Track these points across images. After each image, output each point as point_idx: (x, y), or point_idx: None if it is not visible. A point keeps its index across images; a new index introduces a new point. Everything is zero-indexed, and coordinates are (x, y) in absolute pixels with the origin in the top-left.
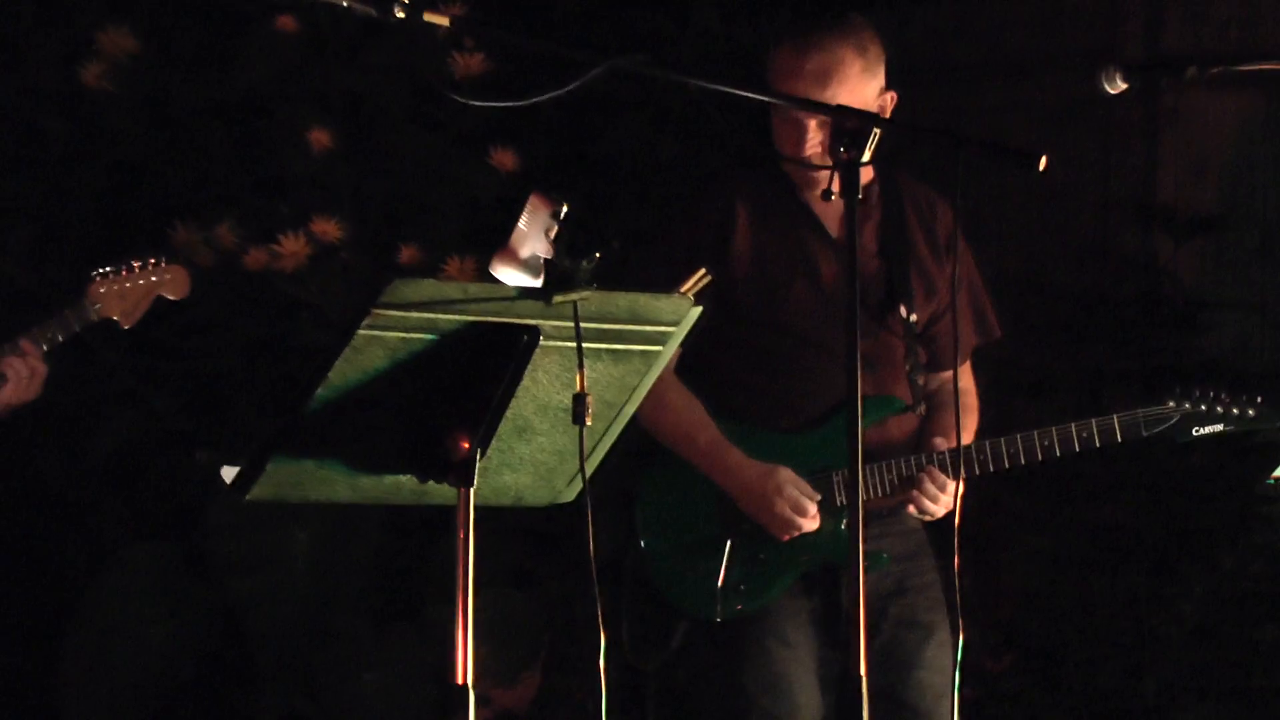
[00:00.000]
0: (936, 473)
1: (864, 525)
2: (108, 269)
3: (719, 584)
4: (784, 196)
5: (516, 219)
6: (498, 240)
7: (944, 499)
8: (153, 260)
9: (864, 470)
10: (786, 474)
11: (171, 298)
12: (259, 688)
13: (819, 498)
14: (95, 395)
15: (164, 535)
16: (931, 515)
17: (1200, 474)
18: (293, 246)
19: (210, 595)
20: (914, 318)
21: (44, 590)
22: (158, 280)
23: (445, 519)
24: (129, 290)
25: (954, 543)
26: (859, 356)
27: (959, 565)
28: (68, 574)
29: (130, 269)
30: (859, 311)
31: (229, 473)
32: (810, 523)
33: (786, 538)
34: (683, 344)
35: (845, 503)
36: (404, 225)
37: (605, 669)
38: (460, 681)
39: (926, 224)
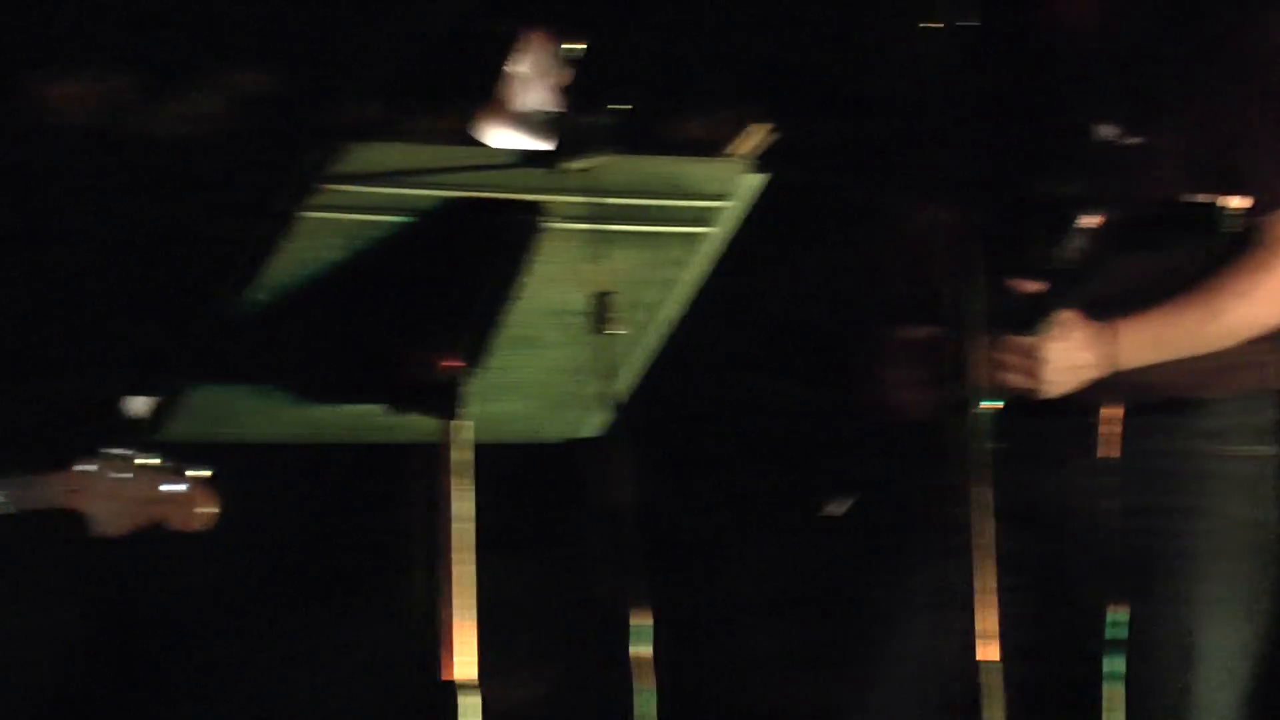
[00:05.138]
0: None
1: None
2: (105, 454)
3: None
4: None
5: (506, 59)
6: (486, 89)
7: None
8: (168, 466)
9: None
10: None
11: (177, 526)
12: (161, 692)
13: None
14: None
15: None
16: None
17: None
18: (208, 103)
19: (91, 570)
20: None
21: None
22: (165, 497)
23: (423, 462)
24: (119, 490)
25: None
26: None
27: None
28: None
29: (134, 467)
30: None
31: (135, 405)
32: None
33: None
34: None
35: None
36: (355, 67)
37: (647, 659)
38: (446, 676)
39: None
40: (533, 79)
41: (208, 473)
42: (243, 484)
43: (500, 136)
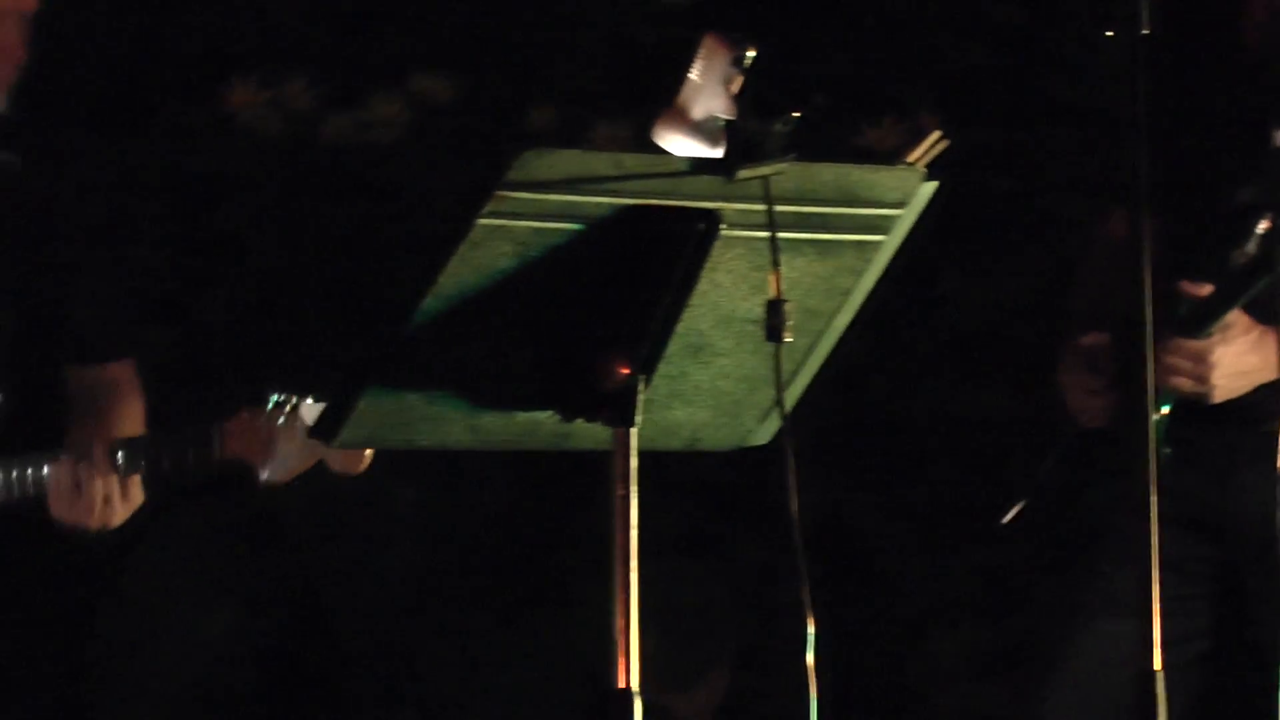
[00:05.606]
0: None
1: None
2: (273, 399)
3: None
4: None
5: (686, 68)
6: (661, 98)
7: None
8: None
9: None
10: None
11: (341, 472)
12: (345, 694)
13: None
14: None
15: (220, 494)
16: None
17: None
18: (386, 110)
19: (282, 572)
20: None
21: (67, 567)
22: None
23: (597, 470)
24: (282, 440)
25: None
26: None
27: None
28: (96, 546)
29: (290, 415)
30: None
31: (310, 411)
32: None
33: None
34: None
35: None
36: (535, 78)
37: (815, 666)
38: (622, 685)
39: None
40: (709, 86)
41: None
42: (423, 493)
43: (676, 143)
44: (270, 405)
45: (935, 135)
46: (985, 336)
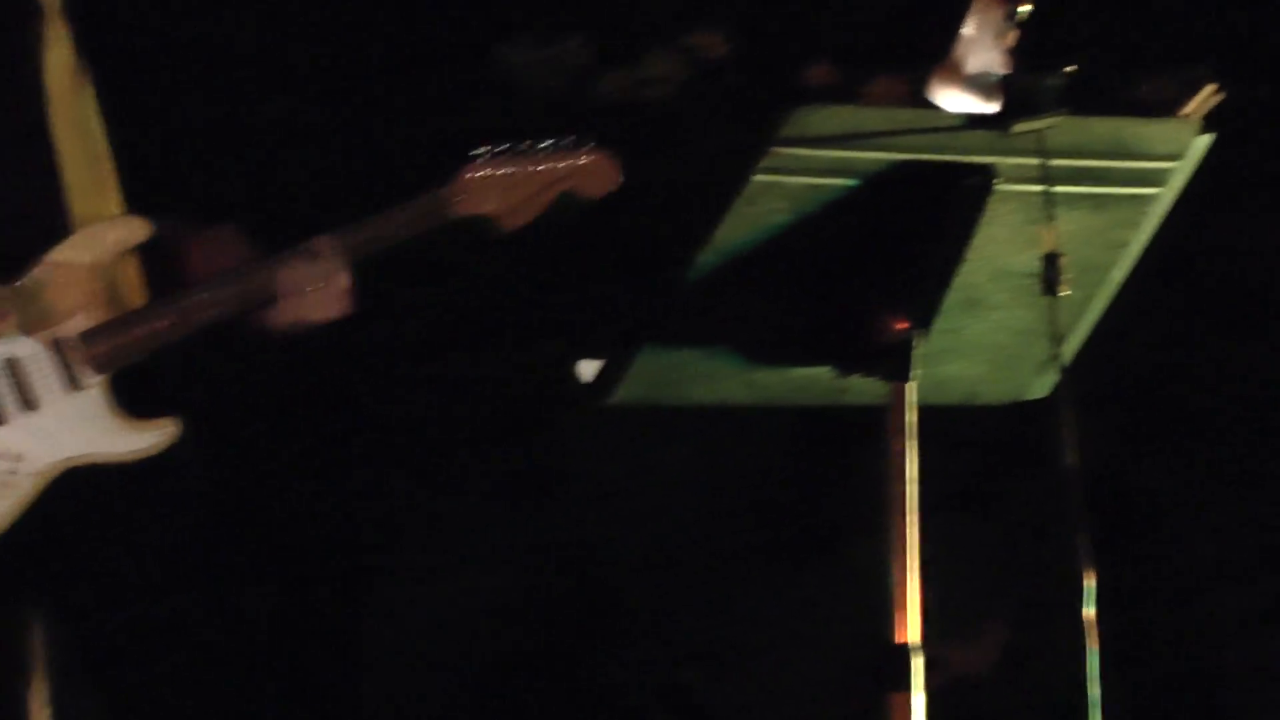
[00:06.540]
0: None
1: None
2: (488, 150)
3: None
4: None
5: (958, 22)
6: (936, 53)
7: None
8: (562, 142)
9: None
10: None
11: (587, 196)
12: (626, 652)
13: None
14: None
15: (495, 453)
16: None
17: None
18: (662, 67)
19: (559, 531)
20: None
21: (337, 530)
22: (566, 170)
23: (872, 425)
24: (519, 180)
25: None
26: None
27: None
28: (368, 506)
29: (527, 153)
30: None
31: (587, 369)
32: None
33: None
34: None
35: None
36: (808, 35)
37: (1094, 620)
38: (902, 639)
39: None
40: (983, 41)
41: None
42: (704, 449)
43: (950, 99)
44: (484, 154)
45: (1210, 88)
46: (1268, 289)
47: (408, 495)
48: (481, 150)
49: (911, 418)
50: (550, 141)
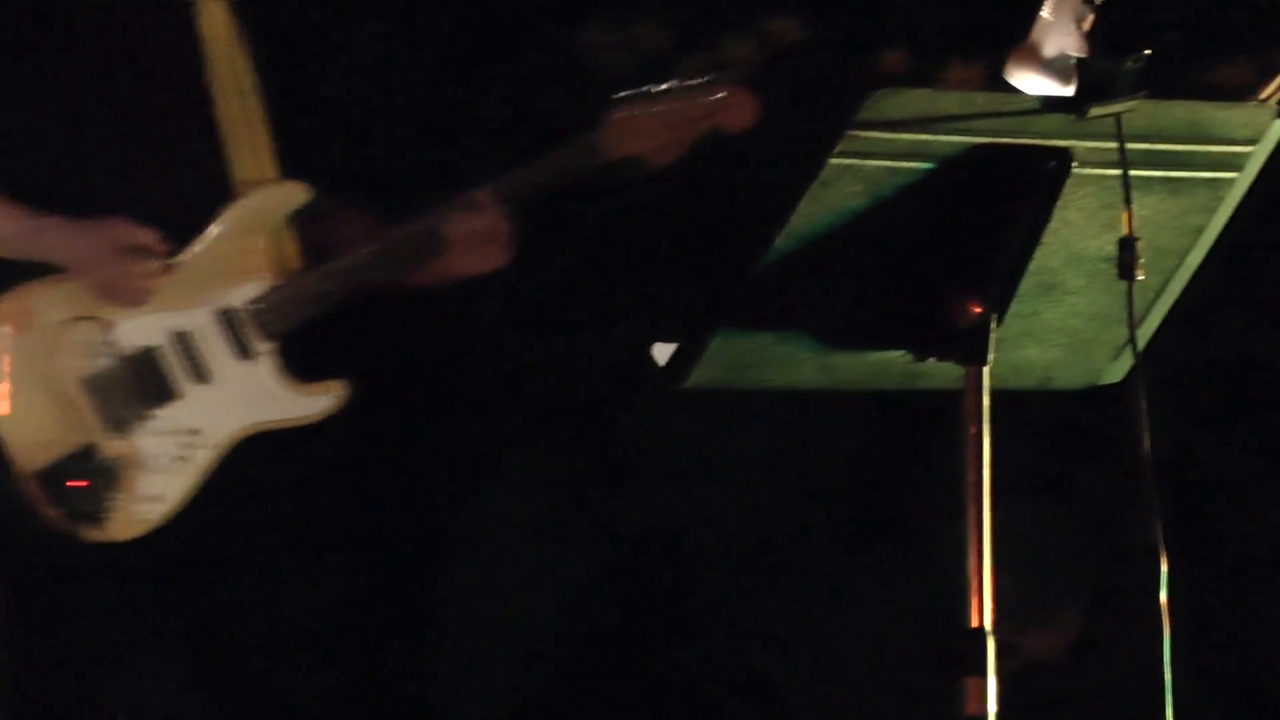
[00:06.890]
0: None
1: None
2: (634, 91)
3: None
4: None
5: (1039, 6)
6: (1013, 36)
7: None
8: (702, 81)
9: None
10: None
11: (730, 131)
12: (697, 638)
13: None
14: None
15: (566, 437)
16: None
17: None
18: (738, 51)
19: (630, 517)
20: None
21: (403, 515)
22: (709, 106)
23: (948, 409)
24: (666, 118)
25: None
26: None
27: None
28: (436, 490)
29: (670, 93)
30: None
31: (661, 352)
32: None
33: None
34: None
35: None
36: (885, 19)
37: (1167, 605)
38: (975, 624)
39: None
40: (1061, 24)
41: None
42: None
43: (1027, 82)
44: (630, 96)
45: None
46: None
47: (487, 477)
48: (627, 93)
49: (986, 402)
50: (693, 81)
